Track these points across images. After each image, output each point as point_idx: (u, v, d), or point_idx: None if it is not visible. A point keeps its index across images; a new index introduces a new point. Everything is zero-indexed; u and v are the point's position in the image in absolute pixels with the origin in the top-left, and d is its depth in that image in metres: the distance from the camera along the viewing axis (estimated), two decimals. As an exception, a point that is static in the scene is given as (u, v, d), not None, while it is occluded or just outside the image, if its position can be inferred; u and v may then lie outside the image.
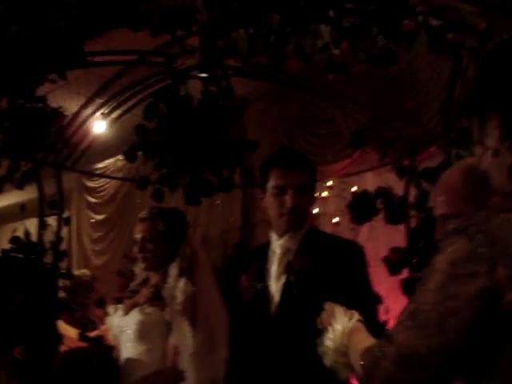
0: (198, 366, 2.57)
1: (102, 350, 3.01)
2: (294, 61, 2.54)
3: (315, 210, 5.71)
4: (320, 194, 5.78)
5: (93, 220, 8.03)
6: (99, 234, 7.90)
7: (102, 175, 7.60)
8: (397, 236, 4.32)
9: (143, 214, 2.89)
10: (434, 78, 5.10)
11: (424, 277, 1.17)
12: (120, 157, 6.07)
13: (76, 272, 7.30)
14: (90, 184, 8.04)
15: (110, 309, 2.97)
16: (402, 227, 4.13)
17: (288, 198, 2.22)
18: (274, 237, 2.32)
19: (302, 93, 5.36)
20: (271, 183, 2.27)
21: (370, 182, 5.41)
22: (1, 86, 3.83)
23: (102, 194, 7.89)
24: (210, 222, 6.65)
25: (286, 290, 2.17)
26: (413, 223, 3.82)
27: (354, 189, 5.39)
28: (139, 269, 2.94)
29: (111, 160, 7.48)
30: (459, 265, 1.10)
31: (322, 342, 1.61)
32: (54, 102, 4.60)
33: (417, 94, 5.28)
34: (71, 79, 4.90)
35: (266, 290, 2.23)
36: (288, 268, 2.20)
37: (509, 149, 1.19)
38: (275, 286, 2.22)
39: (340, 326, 1.55)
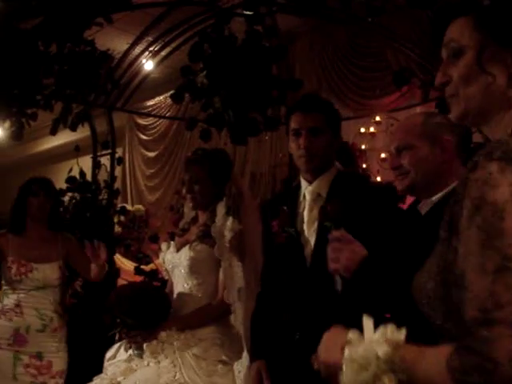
0: (247, 299, 2.69)
1: (154, 285, 3.16)
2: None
3: (363, 146, 5.70)
4: (368, 130, 5.75)
5: (145, 157, 8.19)
6: (152, 171, 8.06)
7: (151, 114, 7.69)
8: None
9: (189, 156, 2.97)
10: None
11: (484, 225, 0.97)
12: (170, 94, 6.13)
13: (131, 208, 7.55)
14: (142, 121, 8.15)
15: (163, 245, 3.09)
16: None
17: (302, 140, 2.29)
18: (303, 182, 2.37)
19: (350, 28, 5.27)
20: (291, 126, 2.36)
21: (419, 116, 5.32)
22: (50, 32, 3.91)
23: (153, 131, 8.01)
24: (259, 157, 6.71)
25: (320, 235, 2.22)
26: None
27: (402, 124, 5.34)
28: (188, 208, 3.04)
29: (161, 97, 7.55)
30: None
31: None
32: (102, 41, 4.68)
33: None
34: (118, 18, 4.95)
35: (299, 234, 2.29)
36: (322, 213, 2.24)
37: None
38: (308, 232, 2.28)
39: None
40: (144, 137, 8.17)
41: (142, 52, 5.40)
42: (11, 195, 3.80)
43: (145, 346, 2.59)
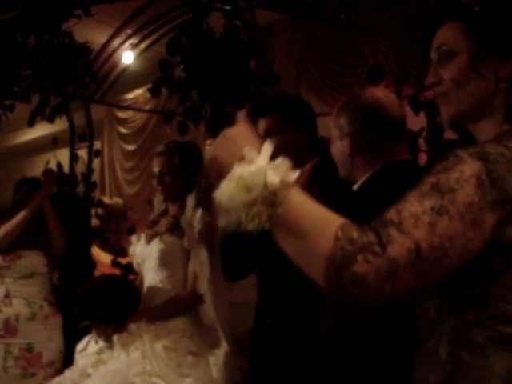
0: (216, 291, 2.72)
1: (122, 277, 3.18)
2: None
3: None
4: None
5: (124, 150, 8.17)
6: (131, 164, 8.03)
7: (129, 107, 7.66)
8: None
9: (160, 148, 2.98)
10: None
11: (445, 178, 1.06)
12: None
13: (109, 201, 7.53)
14: (121, 114, 8.11)
15: (133, 238, 3.10)
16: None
17: None
18: None
19: (328, 25, 5.30)
20: None
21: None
22: (28, 23, 3.91)
23: (132, 124, 7.97)
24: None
25: None
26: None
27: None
28: (158, 200, 3.06)
29: (140, 91, 7.51)
30: (487, 187, 1.05)
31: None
32: (81, 33, 4.67)
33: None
34: (98, 10, 4.93)
35: None
36: None
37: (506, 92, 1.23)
38: None
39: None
40: (123, 130, 8.14)
41: (121, 44, 5.39)
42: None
43: (115, 338, 2.61)
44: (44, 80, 4.49)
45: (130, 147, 8.06)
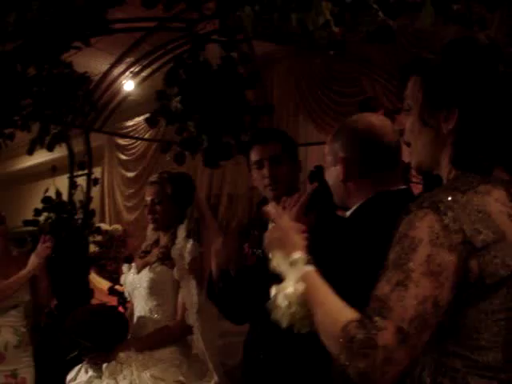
0: (204, 323, 2.73)
1: (110, 306, 3.21)
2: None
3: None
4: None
5: (124, 176, 8.21)
6: (131, 191, 8.07)
7: (127, 136, 7.73)
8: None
9: (153, 177, 3.03)
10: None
11: (401, 251, 1.19)
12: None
13: (108, 227, 7.56)
14: (121, 141, 8.18)
15: (124, 267, 3.12)
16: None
17: (265, 170, 2.37)
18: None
19: (325, 55, 5.36)
20: (251, 160, 2.44)
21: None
22: (28, 54, 3.97)
23: (132, 151, 8.03)
24: (236, 180, 6.76)
25: None
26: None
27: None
28: (150, 230, 3.09)
29: (141, 118, 7.57)
30: (440, 237, 1.16)
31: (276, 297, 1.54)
32: (81, 61, 4.73)
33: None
34: (98, 39, 5.00)
35: (266, 257, 2.34)
36: None
37: (452, 143, 1.31)
38: None
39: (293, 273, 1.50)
40: (123, 157, 8.20)
41: (122, 73, 5.47)
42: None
43: (104, 366, 2.62)
44: (44, 109, 4.55)
45: (130, 174, 8.11)
